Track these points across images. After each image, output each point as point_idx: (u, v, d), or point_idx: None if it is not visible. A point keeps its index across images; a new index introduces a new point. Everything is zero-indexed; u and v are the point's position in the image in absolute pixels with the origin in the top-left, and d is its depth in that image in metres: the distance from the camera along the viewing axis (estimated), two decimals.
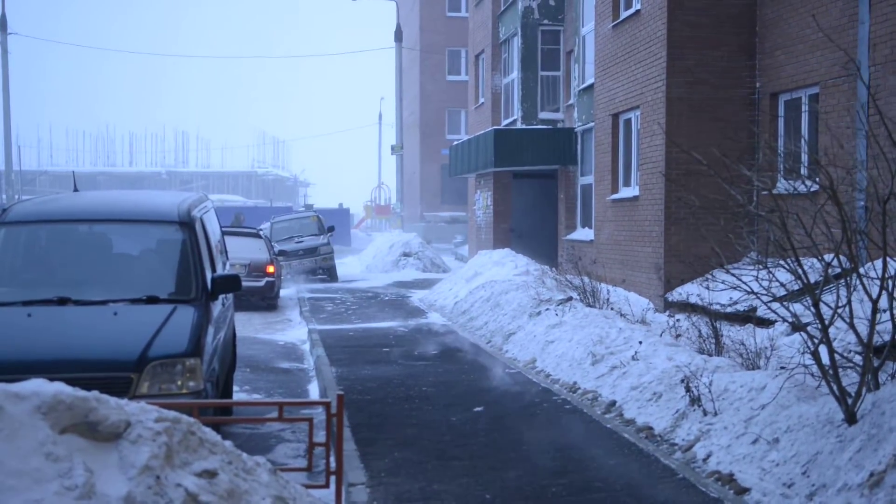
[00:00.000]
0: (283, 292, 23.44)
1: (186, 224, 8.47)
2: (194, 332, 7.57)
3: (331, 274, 27.77)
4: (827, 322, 6.91)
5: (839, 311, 6.98)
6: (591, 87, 21.37)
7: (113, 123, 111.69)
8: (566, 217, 23.96)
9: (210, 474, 5.73)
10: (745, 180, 8.53)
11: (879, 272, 6.95)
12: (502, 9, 27.66)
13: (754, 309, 11.82)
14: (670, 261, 16.28)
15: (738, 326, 11.95)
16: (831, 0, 14.17)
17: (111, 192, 13.03)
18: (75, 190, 10.03)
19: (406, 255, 30.00)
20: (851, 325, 6.97)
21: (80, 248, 8.42)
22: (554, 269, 21.35)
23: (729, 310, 12.84)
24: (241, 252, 20.63)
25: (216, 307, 8.61)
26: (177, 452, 5.71)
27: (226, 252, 10.97)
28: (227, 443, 6.31)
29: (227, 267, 10.56)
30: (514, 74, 26.38)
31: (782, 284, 7.86)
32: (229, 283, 8.41)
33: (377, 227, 59.08)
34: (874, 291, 6.87)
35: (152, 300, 7.89)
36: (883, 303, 6.88)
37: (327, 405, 7.19)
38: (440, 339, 15.39)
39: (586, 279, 15.26)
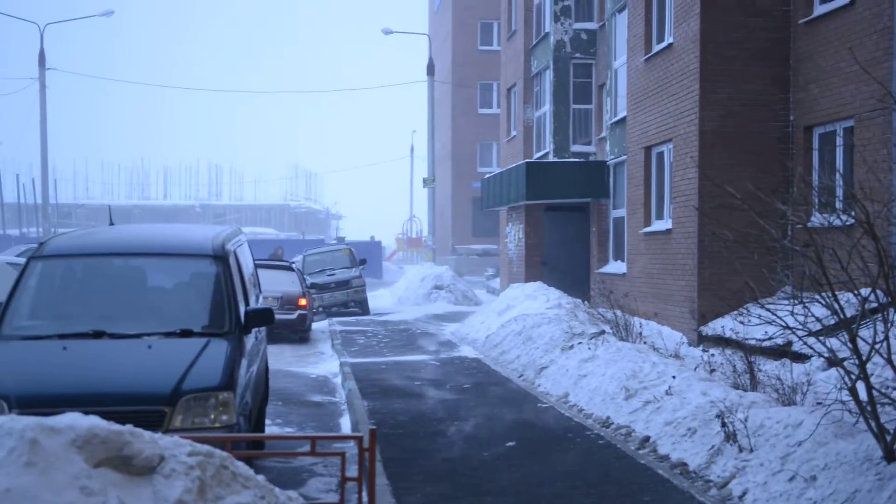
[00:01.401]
0: (315, 325, 23.48)
1: (220, 258, 8.53)
2: (227, 365, 7.59)
3: (363, 307, 27.83)
4: (864, 358, 6.83)
5: (876, 346, 6.90)
6: (623, 120, 21.37)
7: (148, 156, 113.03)
8: (598, 250, 23.89)
9: None
10: (779, 214, 8.48)
11: None
12: (534, 42, 27.78)
13: (790, 344, 11.69)
14: (704, 295, 16.17)
15: (773, 361, 11.82)
16: (866, 34, 14.10)
17: (146, 225, 13.19)
18: (111, 223, 10.13)
19: (438, 287, 30.01)
20: (889, 361, 6.88)
21: (115, 282, 8.49)
22: (586, 302, 21.28)
23: (764, 344, 12.73)
24: (274, 285, 20.73)
25: (249, 340, 8.63)
26: (210, 487, 5.72)
27: (259, 285, 11.02)
28: (260, 477, 6.31)
29: (261, 300, 10.60)
30: (546, 107, 26.44)
31: (818, 319, 7.78)
32: (262, 317, 8.44)
33: (409, 259, 59.22)
34: None
35: (186, 334, 7.93)
36: None
37: (359, 439, 7.17)
38: (472, 373, 15.34)
39: (619, 313, 15.18)
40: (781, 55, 16.33)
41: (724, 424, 8.44)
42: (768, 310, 7.90)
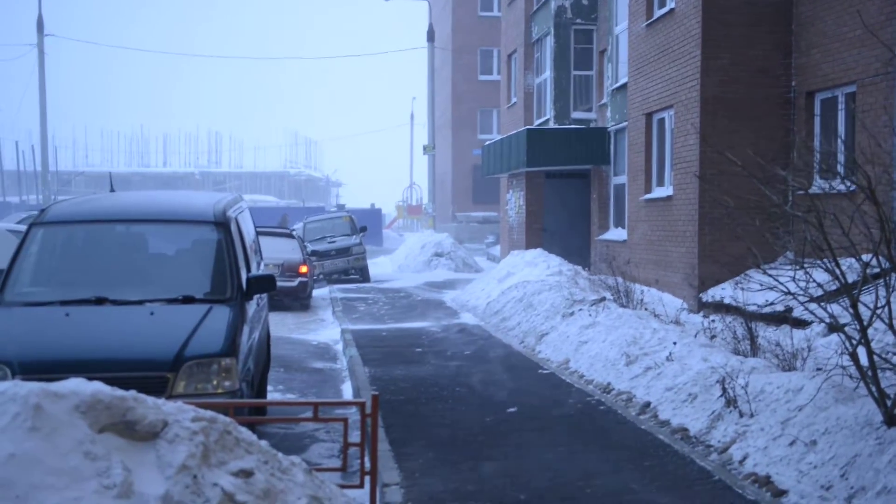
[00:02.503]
0: (315, 292, 23.51)
1: (222, 224, 8.52)
2: (230, 332, 7.60)
3: (363, 274, 27.85)
4: (866, 323, 6.84)
5: (878, 311, 6.90)
6: (624, 86, 21.28)
7: (147, 124, 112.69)
8: (599, 217, 23.87)
9: (246, 474, 5.76)
10: (781, 180, 8.46)
11: None
12: (535, 8, 27.60)
13: (790, 310, 11.71)
14: (704, 261, 16.18)
15: (773, 327, 11.84)
16: None
17: (147, 192, 13.15)
18: (112, 190, 10.11)
19: (438, 255, 30.01)
20: (890, 326, 6.89)
21: (116, 249, 8.49)
22: (587, 269, 21.29)
23: (765, 311, 12.75)
24: (275, 252, 20.73)
25: (251, 307, 8.65)
26: (213, 452, 5.74)
27: (260, 252, 11.02)
28: (263, 442, 6.34)
29: (262, 267, 10.60)
30: (547, 74, 26.31)
31: (819, 285, 7.78)
32: (264, 283, 8.45)
33: (409, 227, 59.18)
34: None
35: (188, 300, 7.94)
36: None
37: (362, 405, 7.19)
38: (473, 340, 15.38)
39: (620, 279, 15.19)
40: (784, 20, 16.23)
41: (724, 390, 8.47)
42: (770, 275, 7.90)
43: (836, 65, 14.90)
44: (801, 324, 11.59)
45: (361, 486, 6.94)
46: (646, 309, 14.02)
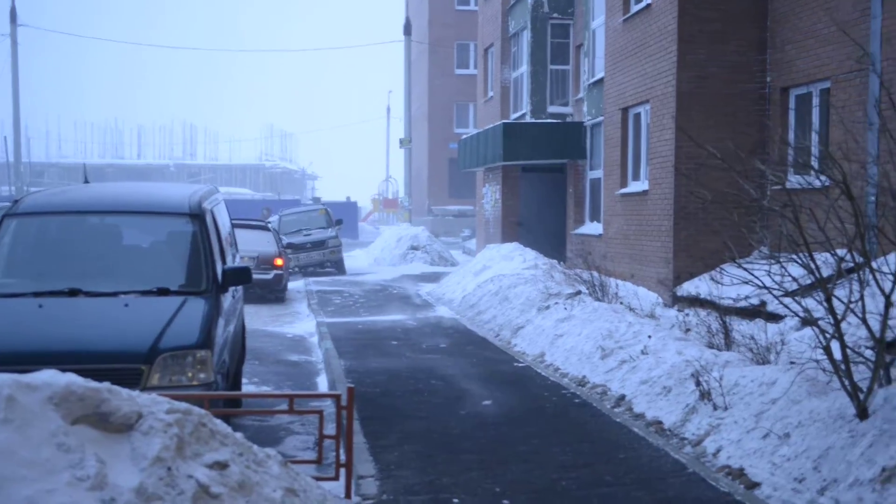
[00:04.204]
0: (291, 285, 23.45)
1: (197, 216, 8.47)
2: (205, 324, 7.56)
3: (339, 267, 27.79)
4: (839, 317, 6.89)
5: (851, 305, 6.96)
6: (600, 81, 21.32)
7: (121, 116, 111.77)
8: (575, 211, 23.92)
9: (221, 466, 5.75)
10: (756, 175, 8.49)
11: (892, 267, 6.92)
12: (512, 2, 27.60)
13: (764, 304, 11.80)
14: (679, 255, 16.25)
15: (747, 321, 11.92)
16: None
17: (122, 183, 13.06)
18: (86, 181, 10.03)
19: (414, 248, 29.99)
20: (864, 320, 6.95)
21: (91, 240, 8.41)
22: (562, 263, 21.33)
23: (739, 304, 12.82)
24: (250, 244, 20.66)
25: (226, 299, 8.61)
26: (188, 444, 5.72)
27: (236, 244, 10.98)
28: (238, 434, 6.32)
29: (238, 259, 10.55)
30: (524, 68, 26.32)
31: (794, 279, 7.83)
32: (240, 276, 8.41)
33: (385, 220, 59.09)
34: (887, 286, 6.84)
35: (163, 292, 7.89)
36: None
37: (337, 398, 7.19)
38: (448, 333, 15.38)
39: (595, 273, 15.23)
40: (759, 16, 16.31)
41: (698, 383, 8.52)
42: (745, 269, 7.95)
43: (811, 61, 14.99)
44: (774, 318, 11.67)
45: (336, 478, 6.93)
46: (621, 303, 14.07)
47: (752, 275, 7.96)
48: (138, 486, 5.25)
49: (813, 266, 7.08)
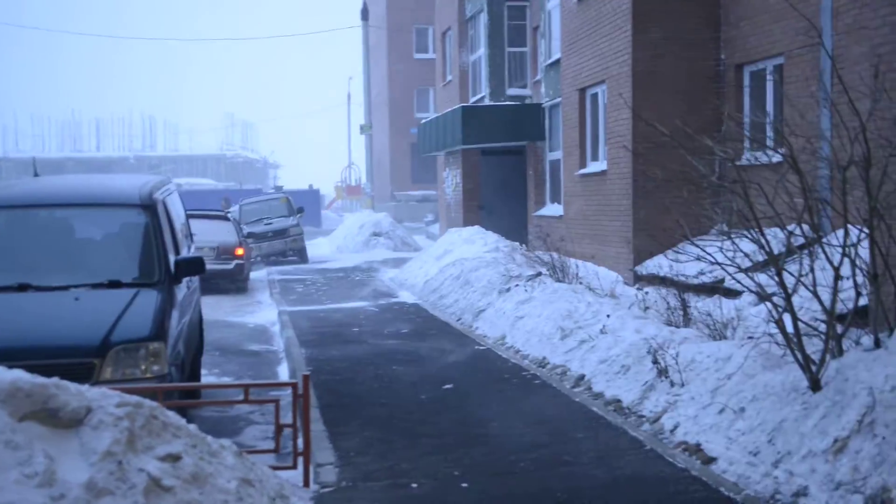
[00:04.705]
0: (253, 274, 23.33)
1: (148, 207, 8.37)
2: (157, 315, 7.49)
3: (301, 255, 27.66)
4: (790, 291, 6.93)
5: (802, 279, 7.01)
6: (557, 62, 21.32)
7: (79, 108, 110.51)
8: (535, 193, 23.95)
9: (174, 458, 5.70)
10: (708, 151, 8.51)
11: (842, 241, 6.98)
12: None
13: (721, 280, 11.88)
14: (639, 234, 16.29)
15: (706, 298, 11.99)
16: None
17: (72, 176, 12.86)
18: (35, 175, 9.89)
19: (376, 234, 29.92)
20: (814, 293, 7.00)
21: (40, 234, 8.29)
22: (524, 245, 21.35)
23: (697, 281, 12.90)
24: (210, 235, 20.49)
25: (181, 290, 8.53)
26: (139, 437, 5.67)
27: (191, 235, 10.87)
28: (192, 426, 6.27)
29: (193, 250, 10.46)
30: (481, 51, 26.27)
31: (746, 255, 7.87)
32: (193, 266, 8.33)
33: (348, 207, 58.85)
34: (836, 259, 6.90)
35: (114, 284, 7.79)
36: (845, 270, 6.91)
37: (294, 386, 7.16)
38: (410, 318, 15.36)
39: (555, 255, 15.26)
40: None
41: (656, 361, 8.56)
42: (698, 247, 7.98)
43: (764, 37, 15.05)
44: (732, 294, 11.74)
45: (294, 466, 6.91)
46: (580, 283, 14.09)
47: (705, 252, 8.00)
48: (88, 481, 5.19)
49: (763, 241, 7.11)
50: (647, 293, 12.79)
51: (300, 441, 7.04)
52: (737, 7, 15.88)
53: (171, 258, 8.32)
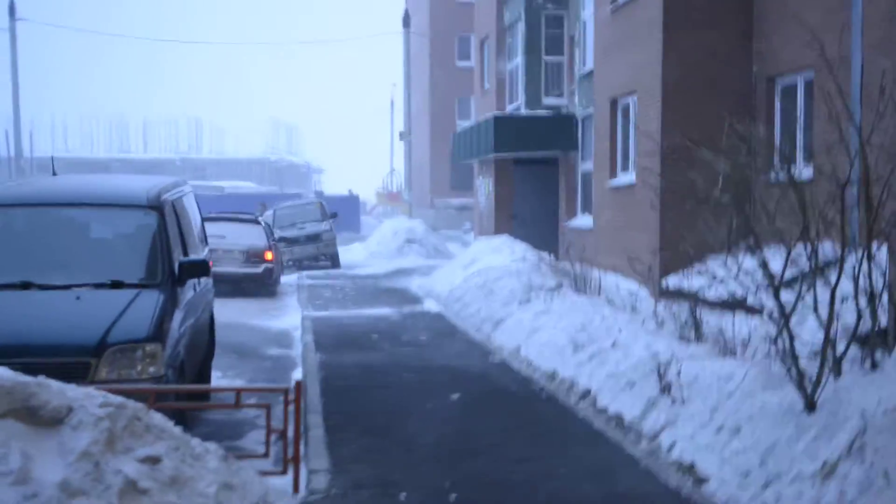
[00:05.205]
0: (284, 279, 23.43)
1: (155, 208, 8.43)
2: (157, 317, 7.53)
3: (333, 260, 27.72)
4: (788, 311, 6.81)
5: (801, 298, 6.88)
6: (591, 72, 21.20)
7: (127, 110, 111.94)
8: (567, 204, 23.82)
9: (153, 460, 5.70)
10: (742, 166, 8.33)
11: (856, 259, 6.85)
12: None
13: (744, 298, 11.70)
14: (665, 248, 16.11)
15: (729, 314, 11.81)
16: None
17: (87, 176, 12.97)
18: (54, 174, 9.99)
19: (410, 241, 29.89)
20: (816, 313, 6.88)
21: (46, 232, 8.36)
22: (553, 255, 21.23)
23: (718, 297, 12.72)
24: (239, 238, 20.65)
25: (186, 293, 8.56)
26: (120, 438, 5.67)
27: (206, 238, 10.92)
28: (178, 429, 6.28)
29: (207, 252, 10.50)
30: (518, 60, 26.20)
31: (770, 273, 7.72)
32: (197, 268, 8.36)
33: (390, 213, 58.97)
34: (845, 279, 6.77)
35: (117, 285, 7.84)
36: (848, 289, 6.78)
37: (285, 391, 7.16)
38: (431, 326, 15.33)
39: (577, 265, 15.14)
40: (746, 5, 16.15)
41: (660, 377, 8.43)
42: (731, 263, 7.84)
43: (796, 50, 14.84)
44: (753, 311, 11.56)
45: (285, 472, 6.90)
46: (599, 296, 13.96)
47: (724, 267, 7.89)
48: (62, 481, 5.21)
49: (763, 259, 6.99)
50: (666, 307, 12.63)
51: (292, 446, 7.03)
52: (769, 18, 15.68)
53: (177, 260, 8.35)
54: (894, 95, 7.46)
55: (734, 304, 12.15)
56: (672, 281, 15.34)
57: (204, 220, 21.75)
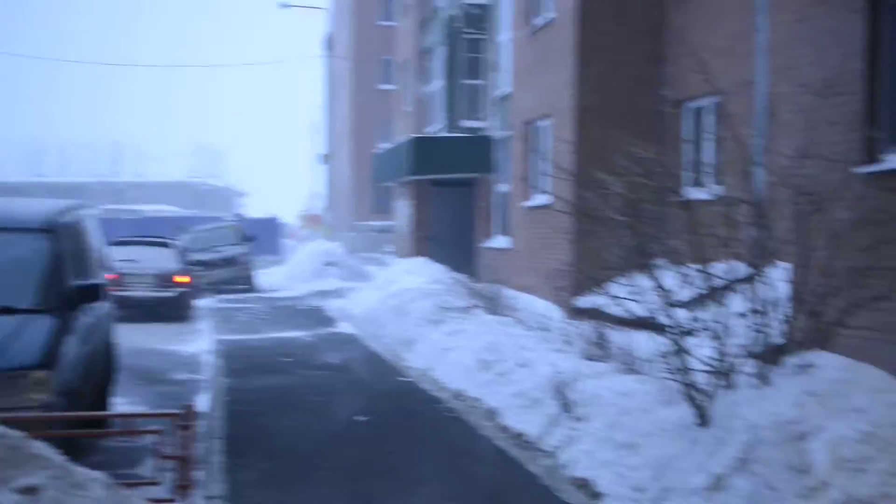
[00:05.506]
0: (199, 302, 23.08)
1: (49, 231, 8.23)
2: (47, 343, 7.34)
3: (249, 283, 27.41)
4: (683, 328, 6.89)
5: (710, 319, 6.97)
6: (508, 95, 21.37)
7: (44, 134, 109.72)
8: (484, 225, 23.88)
9: (32, 490, 5.52)
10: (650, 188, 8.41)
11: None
12: (427, 18, 27.60)
13: (650, 317, 11.81)
14: (579, 268, 16.23)
15: (638, 332, 11.92)
16: (731, 9, 14.27)
17: None
18: None
19: (329, 264, 29.73)
20: (713, 331, 6.97)
21: None
22: (471, 276, 21.26)
23: (630, 316, 12.84)
24: (152, 262, 20.31)
25: (82, 317, 8.35)
26: None
27: (106, 263, 10.69)
28: (60, 458, 6.09)
29: (102, 277, 10.26)
30: (438, 83, 26.29)
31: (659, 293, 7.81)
32: (90, 293, 8.16)
33: (313, 237, 58.57)
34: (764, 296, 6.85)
35: (7, 310, 7.61)
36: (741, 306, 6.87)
37: (175, 417, 7.01)
38: (343, 349, 15.22)
39: (492, 286, 15.18)
40: (657, 31, 16.41)
41: (561, 395, 8.46)
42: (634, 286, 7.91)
43: (701, 76, 15.09)
44: (663, 329, 11.69)
45: (173, 500, 6.74)
46: (511, 316, 14.00)
47: (630, 286, 7.97)
48: None
49: (655, 277, 7.07)
50: (577, 326, 12.71)
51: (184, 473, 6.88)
52: (679, 44, 15.95)
53: (71, 284, 8.15)
54: (790, 119, 7.62)
55: (642, 324, 12.29)
56: (585, 301, 15.45)
57: (115, 243, 21.42)
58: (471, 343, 12.09)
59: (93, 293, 8.18)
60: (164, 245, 21.69)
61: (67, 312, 7.92)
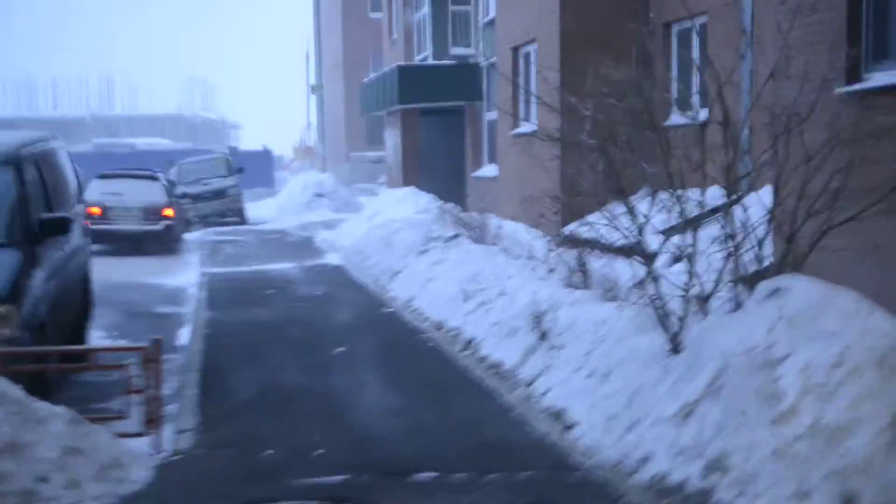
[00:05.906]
0: (188, 235, 22.94)
1: (11, 163, 8.05)
2: (11, 277, 7.22)
3: (240, 216, 27.22)
4: (654, 253, 6.76)
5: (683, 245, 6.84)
6: (493, 20, 20.99)
7: (35, 68, 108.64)
8: (473, 154, 23.66)
9: None
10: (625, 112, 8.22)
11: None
12: None
13: (639, 242, 11.68)
14: (566, 195, 16.05)
15: (619, 260, 11.80)
16: None
17: None
18: None
19: (319, 195, 29.46)
20: (688, 257, 6.85)
21: None
22: (460, 206, 21.10)
23: (618, 243, 12.71)
24: (138, 195, 20.15)
25: (51, 251, 8.21)
26: None
27: (79, 195, 10.51)
28: (20, 393, 6.01)
29: (79, 208, 10.11)
30: (425, 10, 25.83)
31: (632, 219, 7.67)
32: (56, 225, 8.01)
33: (307, 168, 58.18)
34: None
35: None
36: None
37: (143, 350, 6.92)
38: (330, 280, 15.13)
39: (477, 215, 15.03)
40: None
41: (539, 323, 8.36)
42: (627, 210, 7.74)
43: None
44: (651, 256, 11.56)
45: (141, 434, 6.67)
46: (495, 244, 13.87)
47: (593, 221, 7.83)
48: None
49: (631, 204, 6.92)
50: (559, 254, 12.57)
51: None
52: None
53: (37, 217, 7.99)
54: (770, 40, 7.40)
55: (623, 251, 12.16)
56: (571, 229, 15.30)
57: (102, 176, 21.16)
58: (455, 272, 11.96)
59: (61, 226, 8.03)
60: (152, 178, 21.48)
61: (33, 246, 7.78)
